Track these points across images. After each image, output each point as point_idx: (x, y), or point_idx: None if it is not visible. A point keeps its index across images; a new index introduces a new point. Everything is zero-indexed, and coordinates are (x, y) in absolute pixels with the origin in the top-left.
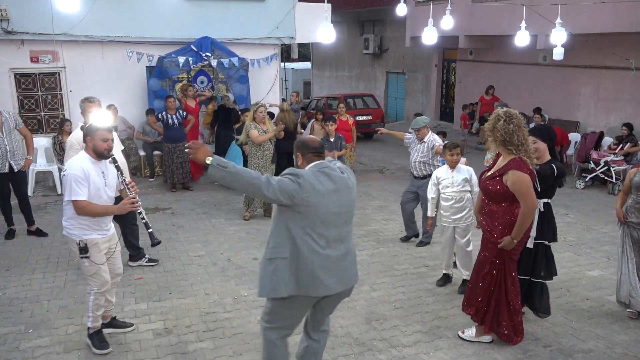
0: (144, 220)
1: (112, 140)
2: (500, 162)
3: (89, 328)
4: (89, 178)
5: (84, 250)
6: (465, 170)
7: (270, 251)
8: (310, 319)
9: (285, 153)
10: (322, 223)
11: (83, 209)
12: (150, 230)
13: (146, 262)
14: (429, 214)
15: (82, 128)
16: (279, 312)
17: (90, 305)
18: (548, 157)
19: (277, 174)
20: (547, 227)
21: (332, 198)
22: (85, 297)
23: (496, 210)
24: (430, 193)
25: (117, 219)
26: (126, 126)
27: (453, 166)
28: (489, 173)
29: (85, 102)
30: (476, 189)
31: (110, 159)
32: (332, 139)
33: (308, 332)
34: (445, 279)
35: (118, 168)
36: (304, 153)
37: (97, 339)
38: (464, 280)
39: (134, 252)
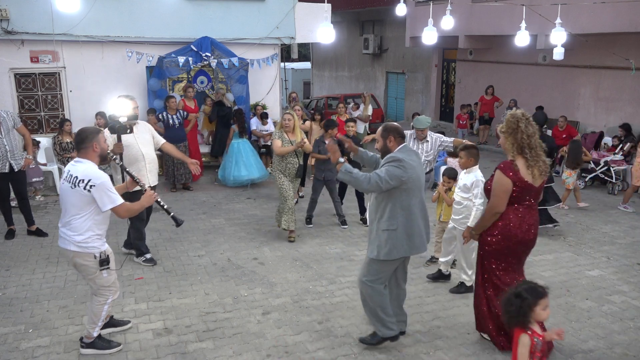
0: (164, 207)
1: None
2: None
3: (92, 338)
4: None
5: (105, 261)
6: (472, 177)
7: (385, 223)
8: (402, 272)
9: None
10: (418, 190)
11: (127, 211)
12: (172, 214)
13: (143, 261)
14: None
15: (110, 118)
16: (383, 270)
17: (103, 314)
18: None
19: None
20: None
21: (420, 168)
22: (97, 307)
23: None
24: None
25: None
26: None
27: (460, 167)
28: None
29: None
30: (477, 200)
31: (116, 160)
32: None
33: (398, 282)
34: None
35: (125, 169)
36: (396, 137)
37: (101, 342)
38: (461, 283)
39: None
